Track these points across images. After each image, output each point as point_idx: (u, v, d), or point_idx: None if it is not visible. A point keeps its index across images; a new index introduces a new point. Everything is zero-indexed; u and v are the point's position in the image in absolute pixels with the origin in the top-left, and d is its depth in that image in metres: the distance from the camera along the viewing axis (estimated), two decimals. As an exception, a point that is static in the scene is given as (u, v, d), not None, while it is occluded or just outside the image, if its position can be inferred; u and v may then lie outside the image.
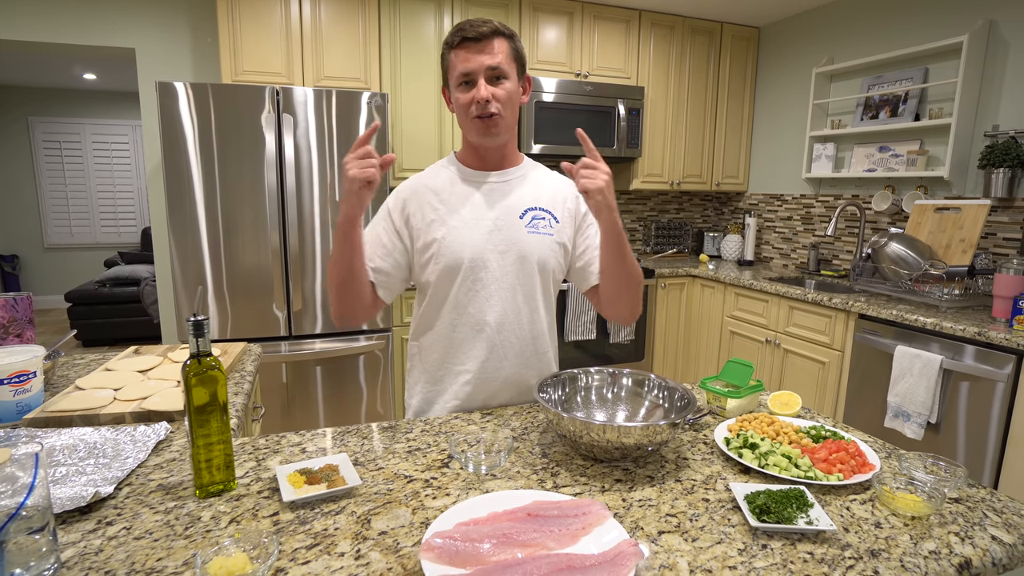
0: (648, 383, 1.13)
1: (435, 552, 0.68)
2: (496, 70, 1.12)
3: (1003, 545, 0.76)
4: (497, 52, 1.12)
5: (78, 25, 2.88)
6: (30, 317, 1.41)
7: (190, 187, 2.44)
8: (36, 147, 6.15)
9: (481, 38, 1.11)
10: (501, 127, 1.16)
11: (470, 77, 1.12)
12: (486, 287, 1.20)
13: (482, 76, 1.11)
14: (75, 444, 0.98)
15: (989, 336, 1.98)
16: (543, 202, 1.24)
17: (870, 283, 2.75)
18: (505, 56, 1.13)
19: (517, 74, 1.17)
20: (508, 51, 1.14)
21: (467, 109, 1.14)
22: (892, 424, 2.28)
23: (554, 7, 3.28)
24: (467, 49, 1.11)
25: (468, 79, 1.13)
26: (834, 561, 0.71)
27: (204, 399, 0.82)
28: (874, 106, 3.05)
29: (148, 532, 0.75)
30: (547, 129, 3.24)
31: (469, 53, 1.11)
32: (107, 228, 6.53)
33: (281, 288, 2.62)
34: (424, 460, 0.97)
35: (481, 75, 1.11)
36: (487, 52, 1.11)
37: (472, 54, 1.11)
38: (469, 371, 1.23)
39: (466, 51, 1.11)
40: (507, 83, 1.14)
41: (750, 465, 0.94)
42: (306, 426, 2.74)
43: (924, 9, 2.85)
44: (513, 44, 1.15)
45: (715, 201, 4.32)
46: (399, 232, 1.22)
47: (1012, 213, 2.52)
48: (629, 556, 0.68)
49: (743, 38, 3.80)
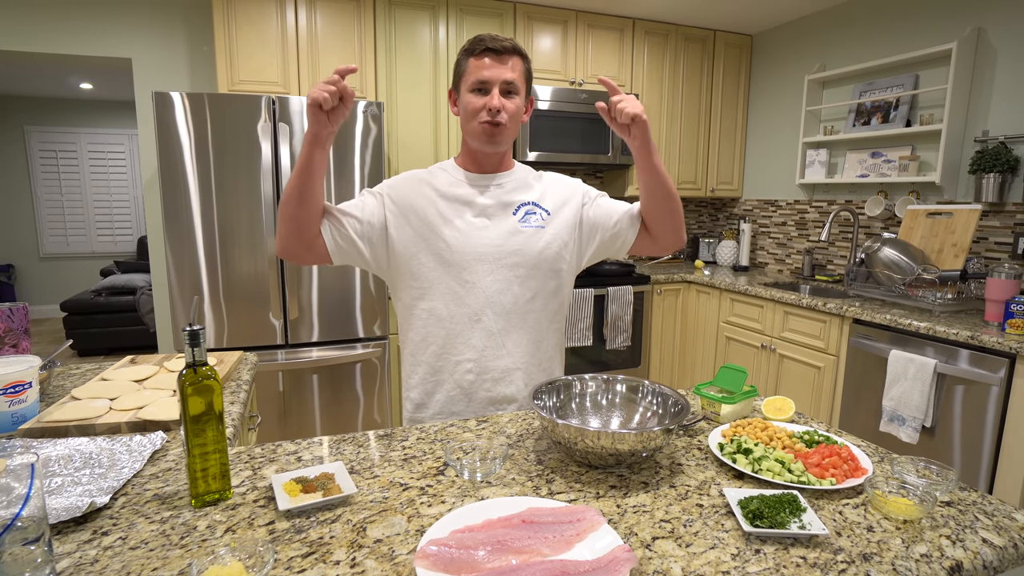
0: (642, 389, 1.14)
1: (430, 560, 0.68)
2: (511, 85, 1.19)
3: (994, 548, 0.76)
4: (514, 68, 1.19)
5: (74, 35, 2.89)
6: (26, 327, 1.41)
7: (186, 196, 2.44)
8: (32, 156, 6.15)
9: (503, 52, 1.19)
10: (505, 137, 1.22)
11: (486, 86, 1.18)
12: (482, 279, 1.24)
13: (497, 87, 1.18)
14: (71, 454, 0.98)
15: (982, 340, 1.99)
16: (534, 197, 1.30)
17: (864, 288, 2.76)
18: (519, 74, 1.21)
19: (525, 93, 1.24)
20: (522, 70, 1.22)
21: (477, 114, 1.20)
22: (887, 428, 2.29)
23: (548, 16, 3.31)
24: (488, 58, 1.18)
25: (484, 87, 1.19)
26: (827, 565, 0.72)
27: (200, 408, 0.83)
28: (866, 112, 3.08)
29: (144, 542, 0.75)
30: (543, 137, 3.26)
31: (491, 63, 1.18)
32: (103, 237, 6.52)
33: (277, 297, 2.62)
34: (420, 468, 0.97)
35: (496, 86, 1.18)
36: (506, 66, 1.19)
37: (493, 64, 1.18)
38: (470, 360, 1.26)
39: (487, 60, 1.18)
40: (517, 99, 1.21)
41: (744, 470, 0.94)
42: (303, 434, 2.73)
43: (914, 16, 2.89)
44: (526, 65, 1.24)
45: (710, 207, 4.34)
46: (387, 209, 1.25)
47: (1003, 217, 2.54)
48: (623, 562, 0.69)
49: (736, 46, 3.83)
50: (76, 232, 6.41)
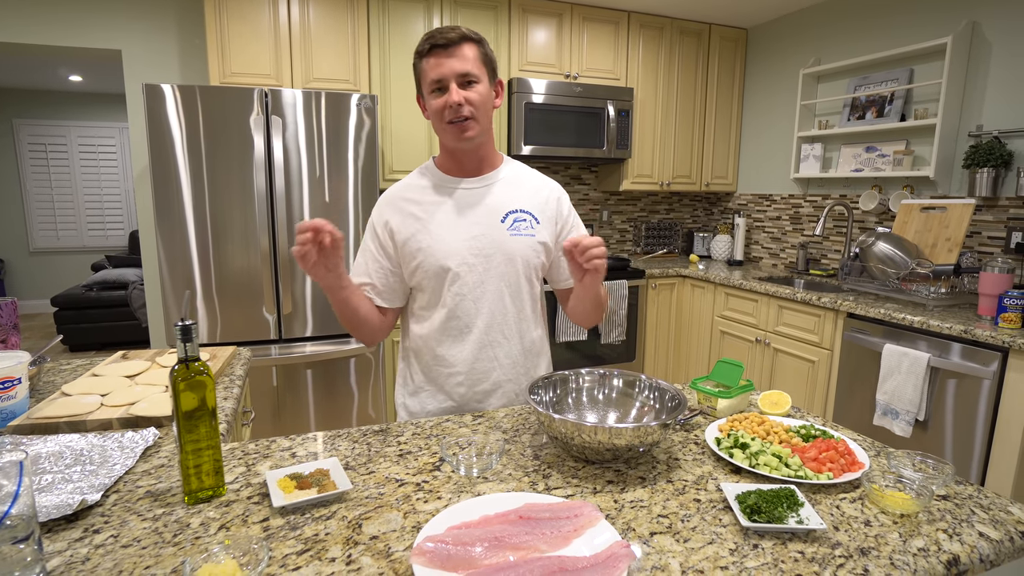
0: (639, 384, 1.13)
1: (426, 556, 0.68)
2: (467, 75, 1.14)
3: (990, 541, 0.77)
4: (467, 57, 1.14)
5: (63, 26, 2.85)
6: (15, 322, 1.39)
7: (178, 190, 2.42)
8: (21, 150, 6.07)
9: (450, 44, 1.13)
10: (476, 130, 1.18)
11: (442, 83, 1.14)
12: (472, 290, 1.22)
13: (453, 81, 1.14)
14: (61, 451, 0.96)
15: (975, 334, 2.00)
16: (524, 203, 1.27)
17: (858, 282, 2.77)
18: (475, 61, 1.15)
19: (488, 78, 1.19)
20: (477, 56, 1.16)
21: (441, 114, 1.16)
22: (881, 422, 2.30)
23: (543, 8, 3.28)
24: (437, 56, 1.14)
25: (440, 85, 1.15)
26: (824, 560, 0.72)
27: (193, 404, 0.82)
28: (860, 107, 3.08)
29: (136, 540, 0.74)
30: (537, 130, 3.24)
31: (439, 59, 1.13)
32: (94, 231, 6.46)
33: (271, 291, 2.60)
34: (415, 463, 0.97)
35: (452, 80, 1.14)
36: (456, 57, 1.13)
37: (442, 60, 1.13)
38: (460, 372, 1.26)
39: (436, 57, 1.14)
40: (479, 87, 1.16)
41: (741, 465, 0.94)
42: (297, 430, 2.72)
43: (909, 11, 2.88)
44: (482, 49, 1.18)
45: (704, 201, 4.34)
46: (384, 247, 1.25)
47: (996, 212, 2.55)
48: (621, 558, 0.68)
49: (731, 39, 3.82)
50: (66, 226, 6.35)
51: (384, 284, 1.25)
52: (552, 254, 1.31)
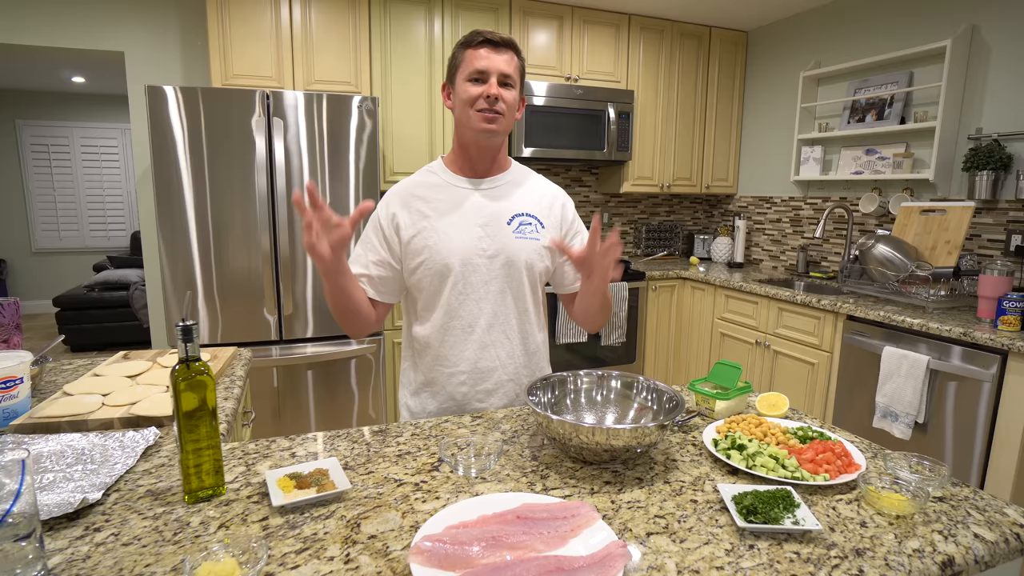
0: (637, 385, 1.14)
1: (424, 555, 0.68)
2: (508, 77, 1.20)
3: (985, 543, 0.77)
4: (511, 62, 1.20)
5: (66, 28, 2.86)
6: (17, 322, 1.40)
7: (180, 191, 2.43)
8: (24, 151, 6.09)
9: (501, 44, 1.20)
10: (502, 126, 1.21)
11: (484, 75, 1.18)
12: (476, 291, 1.23)
13: (495, 76, 1.18)
14: (63, 450, 0.97)
15: (975, 336, 2.00)
16: (530, 208, 1.29)
17: (858, 284, 2.77)
18: (516, 68, 1.22)
19: (519, 89, 1.24)
20: (518, 66, 1.23)
21: (474, 102, 1.19)
22: (880, 424, 2.30)
23: (544, 11, 3.29)
24: (487, 49, 1.19)
25: (481, 76, 1.19)
26: (820, 560, 0.72)
27: (193, 404, 0.82)
28: (860, 109, 3.08)
29: (136, 538, 0.75)
30: (538, 133, 3.25)
31: (489, 53, 1.18)
32: (96, 232, 6.48)
33: (272, 292, 2.61)
34: (414, 463, 0.97)
35: (494, 76, 1.18)
36: (504, 57, 1.19)
37: (492, 55, 1.18)
38: (463, 371, 1.27)
39: (486, 50, 1.19)
40: (513, 91, 1.22)
41: (738, 466, 0.94)
42: (297, 430, 2.73)
43: (908, 14, 2.89)
44: (521, 62, 1.25)
45: (705, 204, 4.35)
46: (388, 241, 1.25)
47: (996, 215, 2.55)
48: (617, 557, 0.69)
49: (731, 42, 3.83)
50: (69, 227, 6.37)
51: (381, 277, 1.26)
52: (556, 259, 1.32)
